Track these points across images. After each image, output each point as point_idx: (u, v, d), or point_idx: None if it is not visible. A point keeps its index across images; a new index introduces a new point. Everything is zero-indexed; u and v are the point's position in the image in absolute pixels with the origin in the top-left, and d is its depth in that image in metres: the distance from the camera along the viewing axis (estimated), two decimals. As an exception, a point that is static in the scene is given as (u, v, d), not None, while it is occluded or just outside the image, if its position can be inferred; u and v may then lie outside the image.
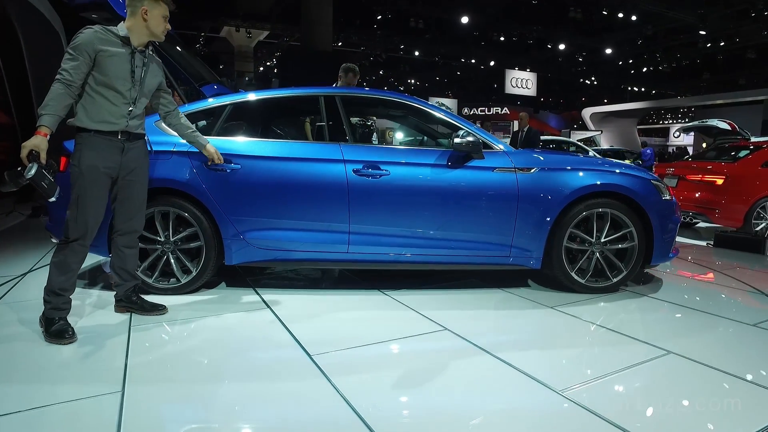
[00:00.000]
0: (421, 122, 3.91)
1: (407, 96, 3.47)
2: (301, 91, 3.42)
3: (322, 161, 3.12)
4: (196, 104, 3.34)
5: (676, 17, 19.94)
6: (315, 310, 2.95)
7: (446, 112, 3.40)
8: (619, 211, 3.22)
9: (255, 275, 3.62)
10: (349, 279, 3.56)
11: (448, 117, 3.36)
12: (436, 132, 3.88)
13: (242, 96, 3.36)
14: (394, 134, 7.09)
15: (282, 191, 3.11)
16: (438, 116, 3.38)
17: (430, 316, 2.81)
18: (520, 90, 26.62)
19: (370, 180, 3.09)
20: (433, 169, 3.14)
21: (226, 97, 3.35)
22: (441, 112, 3.38)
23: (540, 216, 3.15)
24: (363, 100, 3.59)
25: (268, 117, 3.55)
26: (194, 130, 2.89)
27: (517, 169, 3.17)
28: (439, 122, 3.45)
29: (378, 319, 2.79)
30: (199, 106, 3.31)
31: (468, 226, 3.16)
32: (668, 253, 3.37)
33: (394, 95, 3.46)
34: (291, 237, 3.15)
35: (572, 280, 3.25)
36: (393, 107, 3.76)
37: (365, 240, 3.15)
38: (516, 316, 2.86)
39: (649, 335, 2.55)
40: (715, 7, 18.91)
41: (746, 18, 19.96)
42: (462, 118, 3.39)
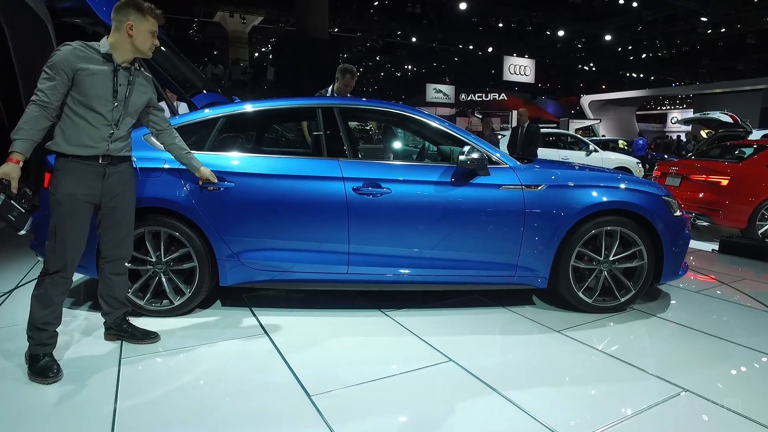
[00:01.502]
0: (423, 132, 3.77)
1: (409, 108, 3.32)
2: (297, 103, 3.26)
3: (320, 179, 2.98)
4: (187, 117, 3.18)
5: (677, 3, 19.65)
6: (314, 335, 2.84)
7: (449, 125, 3.24)
8: (630, 229, 3.10)
9: (251, 292, 3.50)
10: (349, 297, 3.44)
11: (451, 130, 3.21)
12: (438, 140, 3.73)
13: (236, 108, 3.20)
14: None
15: (278, 210, 2.97)
16: (440, 129, 3.23)
17: (434, 344, 2.70)
18: (518, 77, 26.36)
19: (370, 199, 2.95)
20: (436, 187, 3.00)
21: (219, 109, 3.18)
22: (444, 124, 3.23)
23: (547, 235, 3.03)
24: (363, 112, 3.44)
25: (264, 130, 3.40)
26: (188, 152, 2.73)
27: (524, 186, 3.04)
28: (441, 135, 3.30)
29: (379, 348, 2.68)
30: (190, 119, 3.15)
31: (472, 246, 3.04)
32: (678, 270, 3.27)
33: (395, 107, 3.31)
34: (288, 257, 3.02)
35: (579, 300, 3.15)
36: (394, 119, 3.61)
37: (365, 260, 3.03)
38: (522, 344, 2.75)
39: (661, 368, 2.45)
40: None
41: (749, 3, 19.71)
42: (466, 132, 3.24)
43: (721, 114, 11.56)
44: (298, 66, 13.00)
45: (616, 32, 23.69)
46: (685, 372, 2.41)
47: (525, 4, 21.64)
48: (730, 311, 3.35)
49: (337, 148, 3.10)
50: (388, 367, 2.43)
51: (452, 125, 3.27)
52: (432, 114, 3.35)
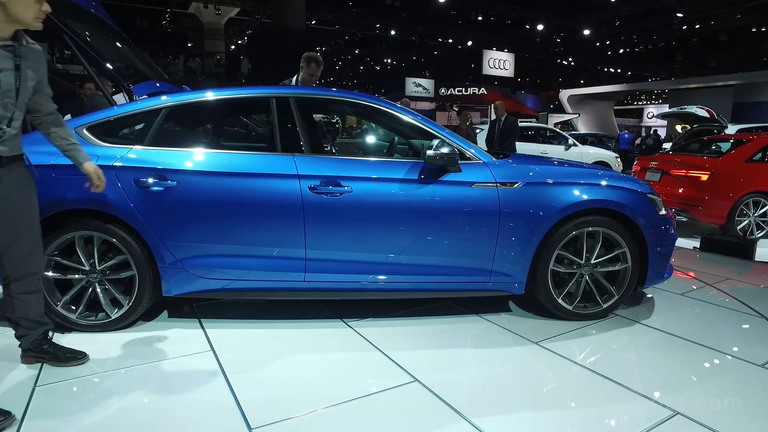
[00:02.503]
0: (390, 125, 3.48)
1: (373, 98, 3.02)
2: (249, 92, 2.94)
3: (273, 177, 2.66)
4: (125, 107, 2.83)
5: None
6: (266, 352, 2.54)
7: (417, 116, 2.96)
8: (613, 229, 2.86)
9: (203, 301, 3.18)
10: (309, 306, 3.15)
11: (419, 122, 2.93)
12: (408, 133, 3.45)
13: (180, 98, 2.86)
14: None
15: (226, 212, 2.65)
16: (407, 121, 2.94)
17: (399, 360, 2.43)
18: (497, 71, 26.21)
19: (329, 198, 2.65)
20: (402, 185, 2.72)
21: (161, 99, 2.84)
22: (411, 115, 2.95)
23: (524, 237, 2.77)
24: (323, 102, 3.13)
25: (213, 122, 3.07)
26: (73, 143, 2.22)
27: (499, 184, 2.77)
28: (408, 127, 3.02)
29: (337, 367, 2.40)
30: (127, 110, 2.80)
31: (442, 250, 2.76)
32: (663, 273, 3.05)
33: (358, 97, 3.00)
34: (238, 264, 2.71)
35: (559, 307, 2.91)
36: (358, 110, 3.31)
37: (325, 267, 2.73)
38: (496, 359, 2.50)
39: (649, 385, 2.22)
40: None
41: (721, 0, 19.88)
42: (436, 124, 2.96)
43: (698, 108, 11.52)
44: (274, 59, 12.58)
45: (594, 27, 23.73)
46: (675, 390, 2.18)
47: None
48: (717, 316, 3.15)
49: (293, 142, 2.79)
50: (344, 390, 2.15)
51: (421, 117, 2.98)
52: (398, 105, 3.05)
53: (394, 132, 3.50)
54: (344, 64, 37.64)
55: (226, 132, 3.13)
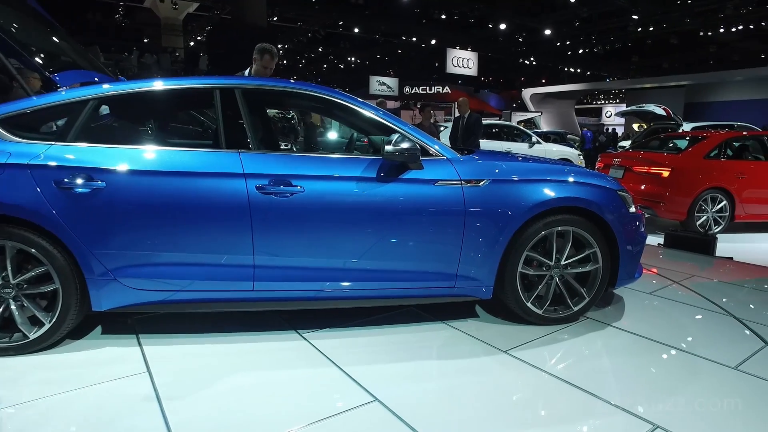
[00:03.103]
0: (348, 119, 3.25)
1: (330, 90, 2.77)
2: (189, 83, 2.64)
3: (216, 176, 2.39)
4: (44, 98, 2.49)
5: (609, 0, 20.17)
6: (209, 371, 2.27)
7: (377, 110, 2.74)
8: (583, 228, 2.72)
9: (142, 314, 2.87)
10: (262, 316, 2.88)
11: (380, 117, 2.71)
12: (367, 129, 3.23)
13: (111, 88, 2.54)
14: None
15: (163, 215, 2.37)
16: (367, 115, 2.71)
17: (357, 377, 2.20)
18: (461, 69, 26.29)
19: (278, 199, 2.40)
20: (359, 184, 2.49)
21: (88, 90, 2.52)
22: (369, 109, 2.72)
23: (491, 238, 2.60)
24: (272, 94, 2.86)
25: (149, 116, 2.76)
26: None
27: (464, 182, 2.59)
28: (368, 122, 2.80)
29: (288, 387, 2.15)
30: (47, 102, 2.47)
31: (403, 254, 2.56)
32: (634, 273, 2.94)
33: (312, 88, 2.74)
34: (179, 273, 2.43)
35: (528, 311, 2.75)
36: (312, 102, 3.07)
37: (276, 274, 2.48)
38: (463, 371, 2.30)
39: (625, 396, 2.07)
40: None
41: (673, 4, 20.55)
42: (397, 118, 2.75)
43: (655, 107, 11.79)
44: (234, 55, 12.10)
45: (555, 27, 24.11)
46: (653, 400, 2.04)
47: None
48: (687, 315, 3.06)
49: (239, 138, 2.52)
50: (293, 415, 1.91)
51: (383, 111, 2.76)
52: (359, 99, 2.82)
53: (353, 128, 3.28)
54: (308, 62, 37.08)
55: (163, 127, 2.84)
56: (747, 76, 21.73)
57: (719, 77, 22.96)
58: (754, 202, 6.24)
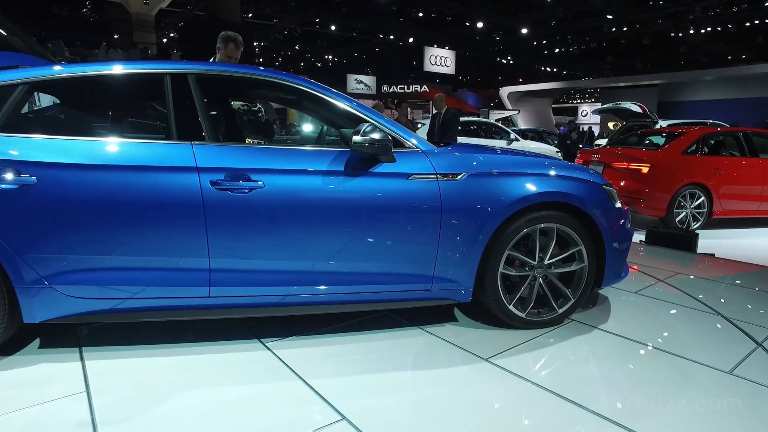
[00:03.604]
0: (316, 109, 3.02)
1: (295, 77, 2.53)
2: (135, 68, 2.38)
3: (165, 170, 2.14)
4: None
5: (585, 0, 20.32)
6: (157, 388, 2.01)
7: (348, 100, 2.51)
8: (568, 225, 2.55)
9: (89, 324, 2.59)
10: (222, 323, 2.64)
11: (352, 107, 2.48)
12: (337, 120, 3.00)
13: (44, 72, 2.27)
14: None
15: (104, 215, 2.11)
16: (337, 105, 2.49)
17: (324, 392, 1.98)
18: (438, 68, 26.22)
19: (235, 195, 2.17)
20: (325, 179, 2.27)
21: (18, 74, 2.24)
22: (337, 97, 2.50)
23: (470, 237, 2.40)
24: (232, 82, 2.62)
25: (89, 105, 2.49)
26: None
27: (440, 176, 2.39)
28: (338, 113, 2.57)
29: (245, 405, 1.92)
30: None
31: (374, 255, 2.34)
32: (621, 272, 2.79)
33: (277, 75, 2.49)
34: (123, 279, 2.17)
35: (510, 315, 2.56)
36: (278, 92, 2.83)
37: (234, 279, 2.24)
38: (441, 383, 2.10)
39: (617, 407, 1.90)
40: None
41: (645, 5, 20.83)
42: (369, 109, 2.52)
43: (632, 104, 11.84)
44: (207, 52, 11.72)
45: (532, 26, 24.22)
46: (645, 411, 1.87)
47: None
48: (674, 315, 2.92)
49: (192, 128, 2.27)
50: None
51: (356, 103, 2.53)
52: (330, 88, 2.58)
53: (324, 120, 3.06)
54: (284, 60, 36.55)
55: (106, 117, 2.57)
56: (716, 75, 22.37)
57: (690, 77, 23.47)
58: (731, 198, 6.22)
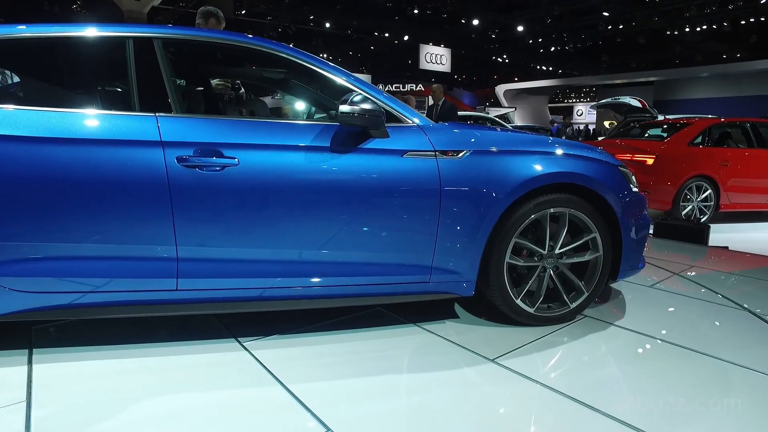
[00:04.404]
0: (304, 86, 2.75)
1: (281, 45, 2.25)
2: (96, 30, 2.08)
3: (123, 144, 1.86)
4: None
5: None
6: (113, 395, 1.74)
7: (340, 71, 2.22)
8: (581, 210, 2.29)
9: (44, 323, 2.31)
10: (195, 321, 2.37)
11: (343, 78, 2.19)
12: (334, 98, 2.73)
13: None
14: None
15: (55, 195, 1.83)
16: (327, 77, 2.20)
17: (307, 399, 1.71)
18: (434, 66, 25.96)
19: (205, 174, 1.89)
20: (309, 155, 1.99)
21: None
22: (331, 70, 2.21)
23: (473, 222, 2.13)
24: (205, 48, 2.33)
25: (41, 71, 2.21)
26: None
27: (439, 153, 2.12)
28: (329, 87, 2.30)
29: (218, 414, 1.64)
30: None
31: (365, 243, 2.07)
32: (638, 263, 2.53)
33: (258, 42, 2.22)
34: (77, 270, 1.89)
35: (518, 311, 2.30)
36: (251, 59, 2.55)
37: (205, 270, 1.97)
38: (442, 388, 1.83)
39: (642, 413, 1.63)
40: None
41: (641, 2, 20.66)
42: (361, 80, 2.24)
43: (631, 99, 11.59)
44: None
45: (528, 24, 24.03)
46: (681, 420, 1.61)
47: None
48: (697, 310, 2.66)
49: (157, 98, 1.99)
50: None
51: (349, 74, 2.24)
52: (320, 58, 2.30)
53: (314, 99, 2.78)
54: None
55: (60, 84, 2.28)
56: (713, 72, 22.28)
57: (687, 73, 23.36)
58: (739, 190, 5.99)
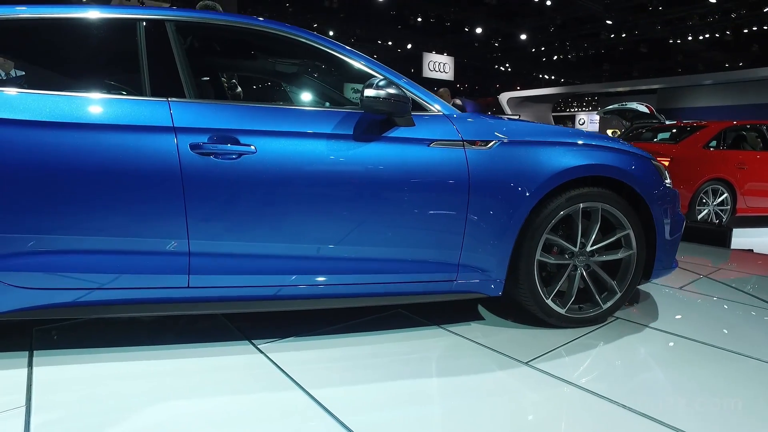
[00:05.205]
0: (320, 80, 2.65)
1: (301, 30, 2.12)
2: (106, 12, 1.98)
3: (134, 129, 1.75)
4: None
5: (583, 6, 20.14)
6: (118, 400, 1.60)
7: (366, 60, 2.11)
8: (614, 205, 2.16)
9: (45, 323, 2.18)
10: (206, 321, 2.24)
11: (357, 60, 2.10)
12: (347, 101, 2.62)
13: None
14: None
15: (60, 183, 1.71)
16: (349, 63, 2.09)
17: (331, 404, 1.57)
18: (437, 74, 25.95)
19: (221, 162, 1.77)
20: (330, 143, 1.88)
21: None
22: (354, 56, 2.10)
23: (503, 216, 2.01)
24: (221, 32, 2.22)
25: (46, 55, 2.10)
26: None
27: (467, 143, 2.00)
28: (346, 70, 2.19)
29: (235, 420, 1.51)
30: None
31: (388, 237, 1.95)
32: (672, 262, 2.40)
33: (281, 27, 2.09)
34: (83, 265, 1.77)
35: (549, 311, 2.16)
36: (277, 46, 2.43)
37: (219, 265, 1.84)
38: (476, 392, 1.70)
39: (700, 421, 1.50)
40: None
41: (644, 11, 20.68)
42: (382, 65, 2.13)
43: (638, 104, 11.52)
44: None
45: (531, 33, 24.08)
46: (736, 426, 1.47)
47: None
48: (734, 313, 2.52)
49: (169, 82, 1.88)
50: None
51: (376, 63, 2.13)
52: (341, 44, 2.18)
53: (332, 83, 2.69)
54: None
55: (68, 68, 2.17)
56: (717, 79, 22.23)
57: (690, 81, 23.32)
58: (757, 194, 5.87)
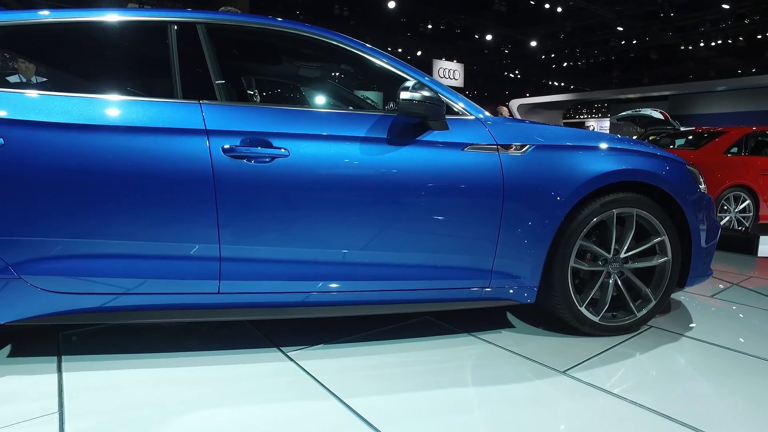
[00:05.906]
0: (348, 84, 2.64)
1: (329, 32, 2.10)
2: (136, 15, 1.97)
3: (166, 132, 1.73)
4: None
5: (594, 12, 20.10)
6: (149, 408, 1.57)
7: (391, 59, 2.09)
8: (649, 211, 2.11)
9: (72, 328, 2.17)
10: (233, 328, 2.21)
11: (392, 64, 2.06)
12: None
13: (18, 17, 1.87)
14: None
15: (90, 186, 1.69)
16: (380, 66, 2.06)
17: (367, 413, 1.53)
18: (447, 80, 25.95)
19: (253, 165, 1.75)
20: (364, 147, 1.85)
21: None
22: (383, 58, 2.08)
23: (537, 221, 1.97)
24: (253, 34, 2.20)
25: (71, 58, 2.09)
26: None
27: (501, 147, 1.96)
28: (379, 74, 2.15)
29: (268, 429, 1.47)
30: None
31: (422, 243, 1.91)
32: (707, 270, 2.34)
33: (312, 30, 2.08)
34: (112, 270, 1.75)
35: (582, 319, 2.11)
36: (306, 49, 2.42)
37: (249, 271, 1.81)
38: (514, 402, 1.65)
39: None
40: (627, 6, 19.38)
41: (655, 17, 20.60)
42: (412, 68, 2.11)
43: (653, 111, 11.43)
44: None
45: (541, 40, 24.07)
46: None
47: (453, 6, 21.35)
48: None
49: (201, 84, 1.86)
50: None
51: (407, 66, 2.11)
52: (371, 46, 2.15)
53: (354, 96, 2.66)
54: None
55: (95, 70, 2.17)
56: (730, 85, 22.01)
57: (702, 87, 23.13)
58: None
